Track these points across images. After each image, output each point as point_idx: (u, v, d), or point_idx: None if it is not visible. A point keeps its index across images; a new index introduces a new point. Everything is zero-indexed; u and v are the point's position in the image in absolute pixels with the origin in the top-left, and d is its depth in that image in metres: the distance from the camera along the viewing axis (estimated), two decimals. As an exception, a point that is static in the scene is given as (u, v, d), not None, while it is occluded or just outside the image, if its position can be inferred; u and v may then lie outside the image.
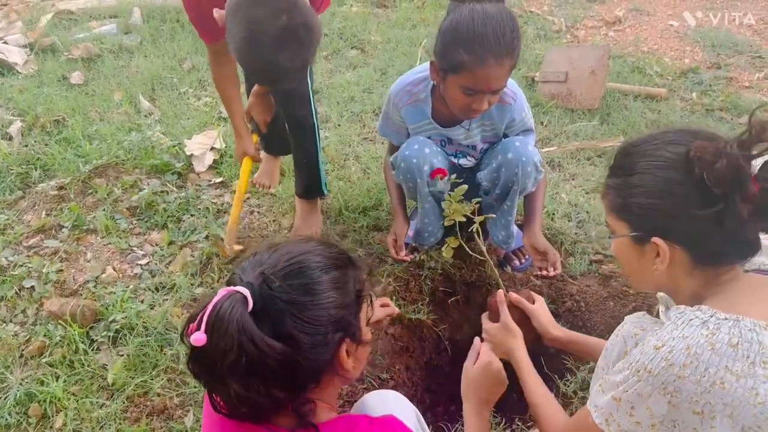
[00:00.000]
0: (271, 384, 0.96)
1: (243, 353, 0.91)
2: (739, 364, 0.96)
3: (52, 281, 2.32)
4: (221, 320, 0.92)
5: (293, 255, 1.03)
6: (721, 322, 1.00)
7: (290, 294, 0.97)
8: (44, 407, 1.90)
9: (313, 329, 0.98)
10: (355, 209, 2.66)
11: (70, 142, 3.10)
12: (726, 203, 1.00)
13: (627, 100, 3.51)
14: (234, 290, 0.96)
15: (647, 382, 1.03)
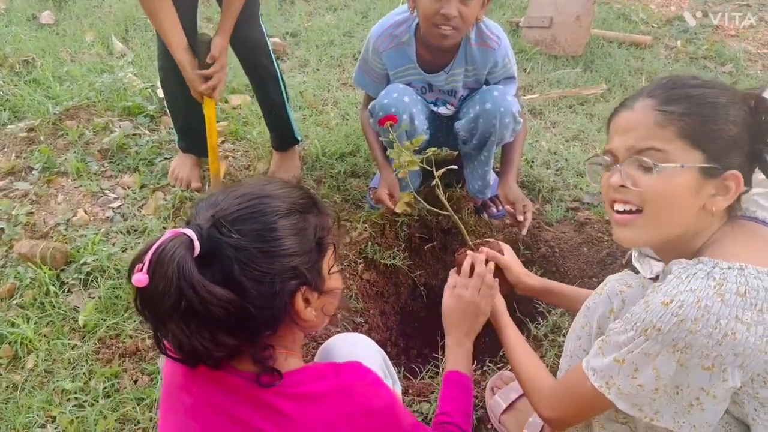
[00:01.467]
0: (216, 330, 0.91)
1: (182, 297, 0.87)
2: (749, 313, 0.94)
3: (21, 223, 2.28)
4: (162, 262, 0.87)
5: (249, 198, 0.97)
6: (726, 271, 0.97)
7: (239, 240, 0.92)
8: (15, 348, 1.89)
9: (262, 277, 0.93)
10: (333, 155, 2.62)
11: (39, 83, 3.01)
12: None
13: (611, 47, 3.46)
14: (180, 232, 0.91)
15: (656, 340, 0.99)
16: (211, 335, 0.91)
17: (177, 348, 0.94)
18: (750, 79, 3.22)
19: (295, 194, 1.01)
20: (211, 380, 0.99)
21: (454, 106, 2.20)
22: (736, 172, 1.03)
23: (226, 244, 0.91)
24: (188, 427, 1.00)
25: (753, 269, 0.97)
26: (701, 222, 1.08)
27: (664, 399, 1.02)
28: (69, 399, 1.76)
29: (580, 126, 2.88)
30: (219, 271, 0.91)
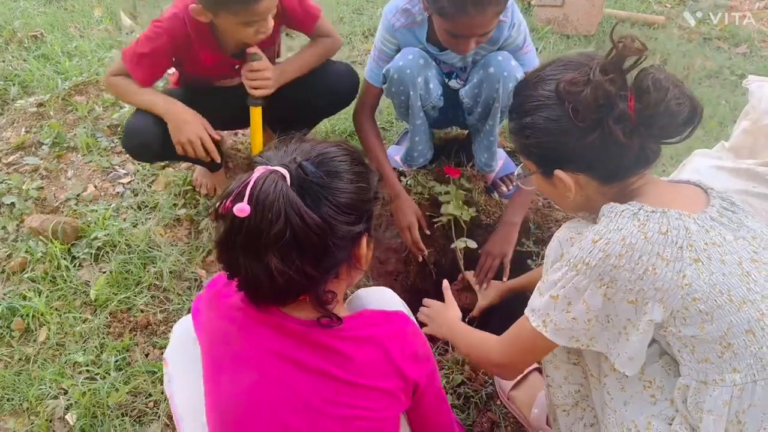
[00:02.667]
0: (306, 260, 0.97)
1: (288, 225, 0.93)
2: (669, 250, 1.01)
3: (32, 198, 2.29)
4: (266, 193, 0.93)
5: (323, 147, 1.04)
6: (650, 213, 1.04)
7: (324, 180, 0.99)
8: (27, 321, 1.90)
9: (343, 215, 1.00)
10: (342, 132, 2.61)
11: (48, 59, 3.00)
12: (602, 128, 1.04)
13: (624, 26, 3.42)
14: (273, 169, 0.96)
15: (585, 275, 1.06)
16: (300, 265, 0.97)
17: (255, 283, 1.00)
18: (764, 60, 3.18)
19: (353, 151, 1.09)
20: (270, 328, 1.05)
21: (464, 80, 2.17)
22: (558, 172, 1.13)
23: (313, 183, 0.98)
24: (244, 376, 1.04)
25: (675, 212, 1.04)
26: (591, 201, 1.17)
27: (597, 327, 1.10)
28: (81, 372, 1.78)
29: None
30: (308, 203, 0.97)
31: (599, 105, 1.03)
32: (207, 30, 1.90)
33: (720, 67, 3.09)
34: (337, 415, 1.03)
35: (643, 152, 1.09)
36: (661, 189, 1.14)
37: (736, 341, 1.01)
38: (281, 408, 1.02)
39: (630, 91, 1.03)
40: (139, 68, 1.93)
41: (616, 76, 1.03)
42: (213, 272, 2.05)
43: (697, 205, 1.10)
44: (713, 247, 1.02)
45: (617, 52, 1.03)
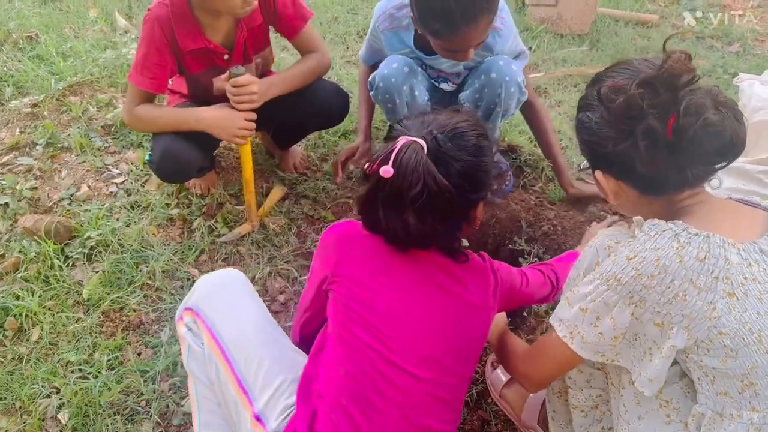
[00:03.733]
0: (438, 218, 1.15)
1: (425, 188, 1.10)
2: (704, 278, 0.97)
3: (26, 198, 2.29)
4: (408, 160, 1.11)
5: (455, 122, 1.20)
6: (692, 236, 1.00)
7: (455, 152, 1.15)
8: (20, 321, 1.91)
9: (468, 183, 1.16)
10: (335, 132, 2.61)
11: (43, 59, 3.01)
12: (632, 140, 1.03)
13: (618, 25, 3.43)
14: (414, 140, 1.13)
15: (615, 290, 1.04)
16: (432, 222, 1.15)
17: (393, 233, 1.19)
18: (757, 59, 3.19)
19: (480, 123, 1.25)
20: (416, 261, 1.24)
21: (456, 84, 2.18)
22: (597, 173, 1.15)
23: (446, 154, 1.15)
24: (407, 298, 1.22)
25: (719, 238, 0.99)
26: (636, 207, 1.17)
27: (623, 344, 1.08)
28: (73, 371, 1.79)
29: (585, 105, 2.86)
30: (441, 171, 1.13)
31: (630, 116, 1.02)
32: (187, 14, 1.88)
33: (713, 65, 3.10)
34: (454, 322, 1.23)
35: (681, 172, 1.05)
36: (714, 210, 1.08)
37: (760, 382, 0.98)
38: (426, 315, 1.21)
39: (674, 109, 1.00)
40: (144, 76, 1.93)
41: (661, 90, 1.00)
42: (205, 271, 2.06)
43: (753, 232, 1.04)
44: (753, 282, 0.98)
45: (664, 68, 1.00)
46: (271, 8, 2.00)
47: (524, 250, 2.16)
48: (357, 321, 1.20)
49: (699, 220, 1.05)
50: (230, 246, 2.14)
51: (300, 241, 2.18)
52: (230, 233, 2.16)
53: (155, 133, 2.01)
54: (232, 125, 1.93)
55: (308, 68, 2.10)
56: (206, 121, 1.93)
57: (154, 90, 1.95)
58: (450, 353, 1.23)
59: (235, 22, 1.95)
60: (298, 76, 2.08)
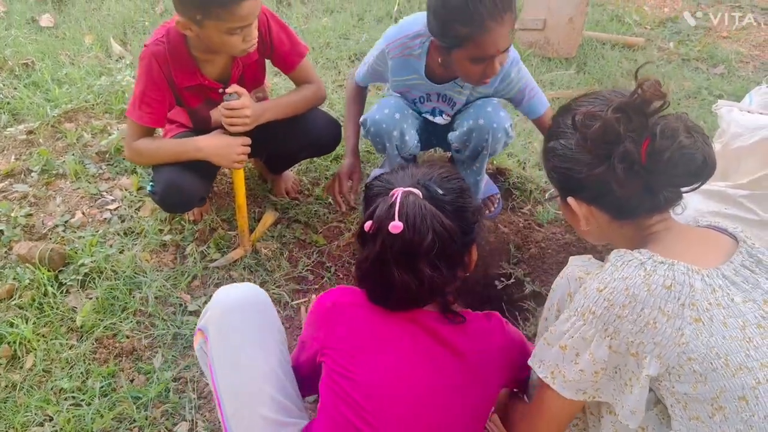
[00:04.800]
0: (445, 265, 1.15)
1: (436, 237, 1.11)
2: (671, 305, 1.01)
3: (20, 225, 2.32)
4: (413, 210, 1.11)
5: (436, 169, 1.23)
6: (657, 264, 1.04)
7: (448, 196, 1.17)
8: (14, 348, 1.92)
9: (463, 225, 1.18)
10: (327, 157, 2.65)
11: (39, 86, 3.04)
12: (609, 163, 1.07)
13: (604, 49, 3.49)
14: (409, 190, 1.14)
15: (591, 324, 1.07)
16: (440, 271, 1.14)
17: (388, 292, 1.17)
18: (741, 80, 3.25)
19: (456, 171, 1.29)
20: (405, 321, 1.21)
21: (450, 116, 2.22)
22: (569, 199, 1.18)
23: (441, 200, 1.16)
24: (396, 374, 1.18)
25: (683, 266, 1.03)
26: (606, 233, 1.20)
27: (604, 379, 1.10)
28: (66, 398, 1.80)
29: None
30: None
31: (606, 141, 1.07)
32: (183, 51, 1.92)
33: (698, 87, 3.16)
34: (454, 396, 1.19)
35: (654, 196, 1.10)
36: (680, 236, 1.13)
37: (728, 405, 1.00)
38: (414, 386, 1.17)
39: (648, 134, 1.05)
40: (143, 111, 1.95)
41: (633, 116, 1.05)
42: (197, 297, 2.08)
43: (716, 257, 1.08)
44: (717, 308, 1.01)
45: (638, 94, 1.05)
46: (267, 44, 2.04)
47: (509, 273, 2.19)
48: (342, 397, 1.18)
49: (665, 248, 1.09)
50: (222, 271, 2.17)
51: (292, 266, 2.20)
52: (222, 258, 2.18)
53: (156, 165, 2.04)
54: (231, 152, 1.98)
55: (303, 97, 2.14)
56: (205, 149, 1.97)
57: (153, 124, 1.99)
58: (446, 429, 1.19)
59: (231, 57, 1.99)
60: (293, 103, 2.12)
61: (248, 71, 2.07)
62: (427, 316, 1.21)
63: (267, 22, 2.01)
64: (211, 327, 1.31)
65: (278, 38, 2.05)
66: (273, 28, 2.03)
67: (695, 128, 1.06)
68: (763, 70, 3.36)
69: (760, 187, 1.83)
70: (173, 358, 1.91)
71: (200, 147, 1.97)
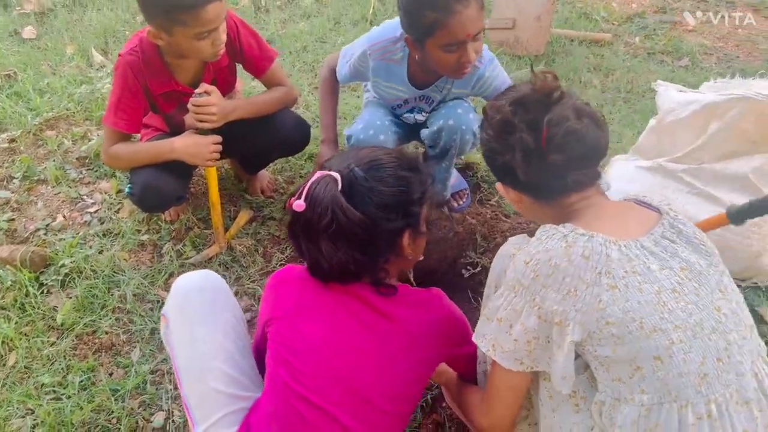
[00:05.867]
0: (354, 247, 1.22)
1: (334, 219, 1.19)
2: (589, 274, 1.08)
3: (2, 230, 2.39)
4: (318, 193, 1.21)
5: (375, 155, 1.29)
6: (578, 236, 1.11)
7: (370, 182, 1.24)
8: (-3, 347, 2.00)
9: (384, 212, 1.24)
10: (301, 156, 2.73)
11: (21, 96, 3.12)
12: (512, 151, 1.17)
13: (572, 45, 3.58)
14: (327, 173, 1.23)
15: (521, 295, 1.15)
16: (349, 250, 1.22)
17: (317, 264, 1.27)
18: (705, 72, 3.35)
19: (408, 157, 1.34)
20: (339, 292, 1.30)
21: (427, 113, 2.30)
22: (497, 184, 1.31)
23: (361, 185, 1.23)
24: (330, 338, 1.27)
25: (601, 237, 1.11)
26: (535, 212, 1.29)
27: (538, 349, 1.17)
28: (47, 392, 1.87)
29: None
30: (354, 202, 1.21)
31: (505, 131, 1.17)
32: (156, 59, 2.00)
33: (663, 79, 3.23)
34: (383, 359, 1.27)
35: (560, 178, 1.18)
36: (603, 211, 1.20)
37: (645, 365, 1.07)
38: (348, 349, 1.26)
39: (543, 123, 1.13)
40: (118, 118, 2.03)
41: (531, 107, 1.15)
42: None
43: (638, 229, 1.16)
44: (633, 275, 1.08)
45: (533, 88, 1.16)
46: (237, 50, 2.12)
47: (477, 262, 2.27)
48: (281, 362, 1.28)
49: (587, 222, 1.17)
50: (199, 267, 2.24)
51: (266, 261, 2.28)
52: (198, 255, 2.26)
53: (133, 168, 2.12)
54: (202, 150, 2.06)
55: (274, 98, 2.23)
56: (179, 150, 2.05)
57: (129, 131, 2.08)
58: (380, 390, 1.27)
59: (203, 63, 2.07)
60: (262, 103, 2.20)
61: (220, 76, 2.15)
62: (361, 288, 1.30)
63: (236, 28, 2.09)
64: (171, 311, 1.40)
65: (247, 43, 2.13)
66: (242, 33, 2.11)
67: (588, 113, 1.15)
68: (726, 61, 3.46)
69: (693, 159, 1.91)
70: (151, 352, 1.98)
71: (174, 148, 2.04)
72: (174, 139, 2.07)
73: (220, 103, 2.01)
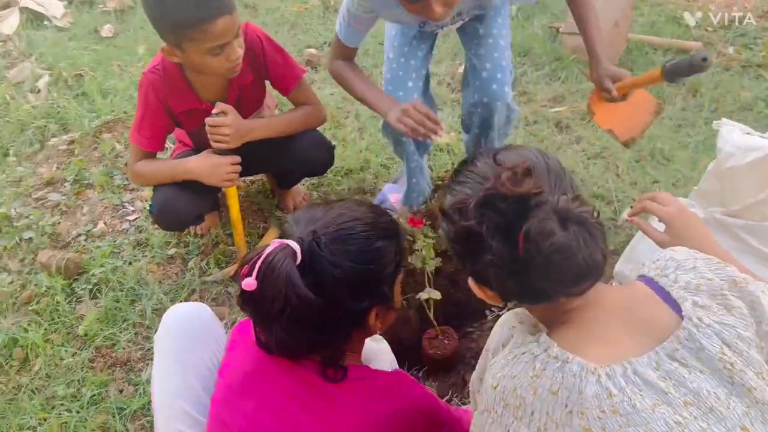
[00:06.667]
0: (310, 332, 1.08)
1: (288, 304, 1.02)
2: (558, 412, 0.89)
3: (47, 233, 2.48)
4: (272, 270, 1.02)
5: (345, 219, 1.11)
6: (549, 361, 0.92)
7: (335, 257, 1.06)
8: (26, 352, 2.07)
9: (349, 292, 1.08)
10: (339, 172, 2.65)
11: (87, 97, 3.24)
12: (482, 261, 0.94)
13: (655, 54, 3.25)
14: (286, 244, 1.05)
15: (498, 423, 0.97)
16: (303, 336, 1.08)
17: (275, 343, 1.12)
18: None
19: (383, 222, 1.17)
20: (288, 370, 1.15)
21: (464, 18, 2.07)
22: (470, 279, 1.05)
23: (324, 259, 1.06)
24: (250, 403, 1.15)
25: (577, 365, 0.89)
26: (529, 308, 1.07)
27: None
28: (61, 404, 1.92)
29: (606, 142, 2.74)
30: (313, 281, 1.04)
31: (472, 242, 0.94)
32: (178, 77, 1.98)
33: (754, 98, 2.87)
34: None
35: (531, 288, 0.95)
36: (598, 316, 0.97)
37: None
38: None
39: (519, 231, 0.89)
40: (141, 135, 2.05)
41: (502, 209, 0.91)
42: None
43: (637, 345, 0.92)
44: (612, 416, 0.86)
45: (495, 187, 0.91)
46: (261, 66, 2.06)
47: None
48: (218, 421, 1.19)
49: (573, 332, 0.96)
50: (220, 285, 2.22)
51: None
52: (219, 273, 2.24)
53: (155, 185, 2.13)
54: (219, 171, 2.02)
55: (297, 117, 2.15)
56: (195, 171, 2.03)
57: (152, 149, 2.08)
58: None
59: (226, 80, 2.02)
60: (285, 122, 2.13)
61: (245, 93, 2.10)
62: (309, 368, 1.14)
63: (261, 45, 2.03)
64: (156, 340, 1.41)
65: (272, 60, 2.06)
66: (267, 49, 2.04)
67: (574, 217, 0.90)
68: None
69: (754, 213, 1.65)
70: (161, 372, 1.98)
71: (189, 168, 2.02)
72: (191, 158, 2.05)
73: (235, 124, 1.96)
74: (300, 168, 2.26)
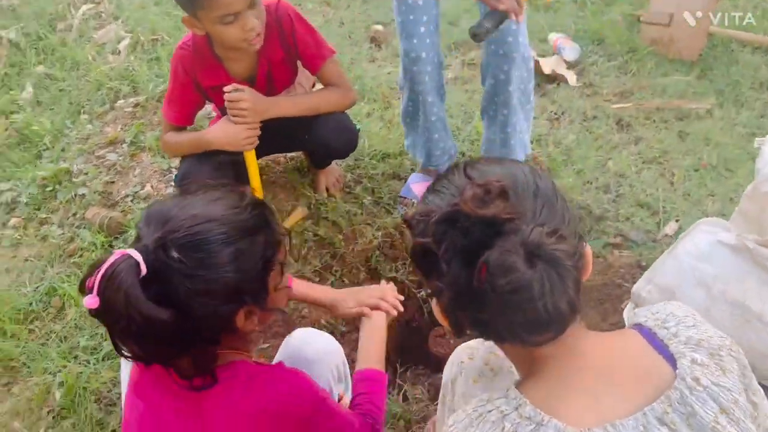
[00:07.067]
0: (164, 344, 0.98)
1: (132, 322, 0.92)
2: None
3: (99, 192, 2.64)
4: (111, 287, 0.92)
5: (198, 221, 0.99)
6: (520, 423, 0.81)
7: (186, 267, 0.96)
8: (63, 301, 2.24)
9: (205, 301, 0.98)
10: (375, 155, 2.62)
11: (158, 61, 3.38)
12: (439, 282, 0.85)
13: (741, 52, 2.94)
14: (127, 254, 0.95)
15: None
16: (157, 349, 1.00)
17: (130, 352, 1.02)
18: None
19: (244, 216, 1.04)
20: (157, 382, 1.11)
21: None
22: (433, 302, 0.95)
23: (172, 268, 0.96)
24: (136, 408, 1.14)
25: (554, 429, 0.79)
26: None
27: None
28: (81, 354, 2.06)
29: (667, 146, 2.54)
30: (163, 290, 0.95)
31: (428, 260, 0.85)
32: (207, 52, 2.01)
33: None
34: None
35: (485, 326, 0.85)
36: (579, 365, 0.85)
37: None
38: None
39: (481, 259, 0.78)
40: (170, 109, 2.13)
41: (466, 230, 0.80)
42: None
43: (623, 404, 0.82)
44: None
45: (457, 206, 0.81)
46: (291, 44, 2.06)
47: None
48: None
49: (551, 385, 0.85)
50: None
51: (301, 264, 2.25)
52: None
53: (179, 155, 2.21)
54: (236, 137, 2.03)
55: (324, 97, 2.14)
56: (214, 141, 2.07)
57: (180, 123, 2.16)
58: None
59: (256, 55, 2.04)
60: (310, 102, 2.13)
61: (275, 70, 2.11)
62: (176, 373, 1.08)
63: (291, 23, 2.03)
64: None
65: (302, 40, 2.06)
66: (297, 28, 2.04)
67: (544, 255, 0.76)
68: None
69: None
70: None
71: (208, 139, 2.07)
72: (209, 130, 2.11)
73: (252, 99, 1.97)
74: (321, 149, 2.26)
